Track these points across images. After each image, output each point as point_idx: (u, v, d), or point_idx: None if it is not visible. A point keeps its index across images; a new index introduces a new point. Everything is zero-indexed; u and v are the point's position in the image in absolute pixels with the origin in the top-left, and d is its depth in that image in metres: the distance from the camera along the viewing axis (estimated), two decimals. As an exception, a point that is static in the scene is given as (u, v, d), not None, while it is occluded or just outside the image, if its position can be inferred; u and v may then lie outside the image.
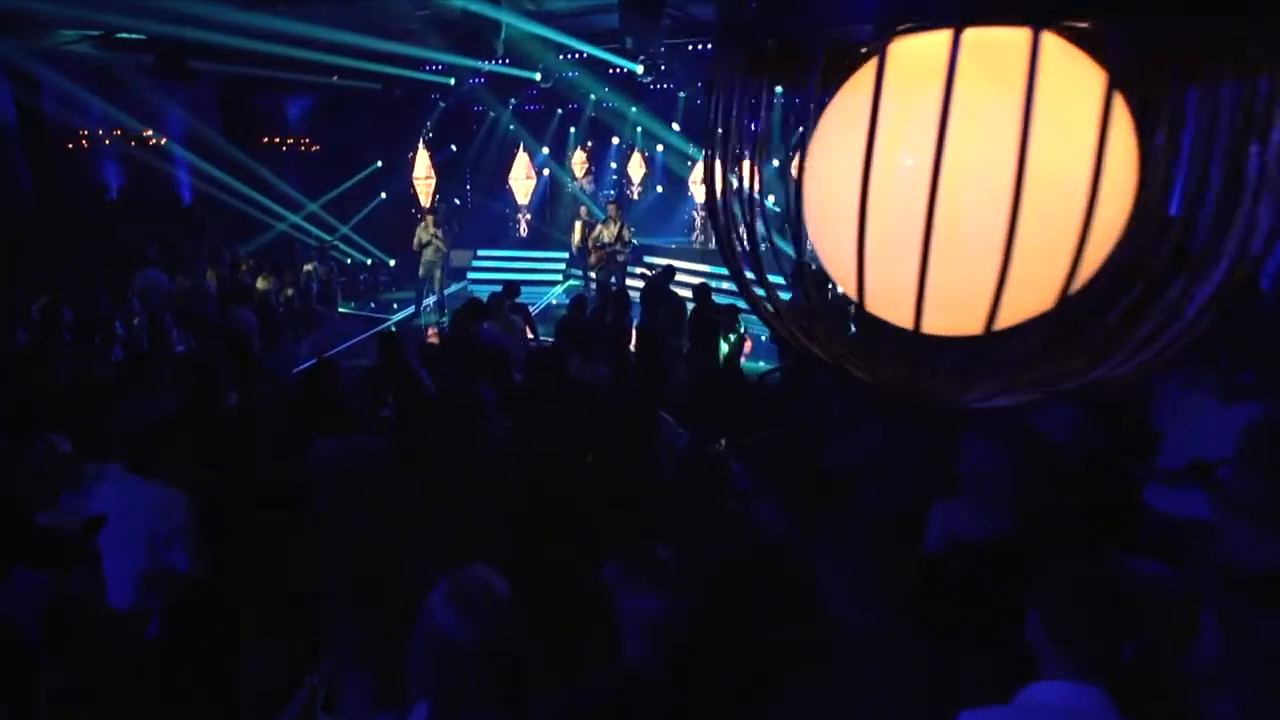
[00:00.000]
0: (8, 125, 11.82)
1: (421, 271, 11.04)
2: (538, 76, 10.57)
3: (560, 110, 15.26)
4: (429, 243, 10.75)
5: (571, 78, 11.13)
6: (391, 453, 3.91)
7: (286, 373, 8.51)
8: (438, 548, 2.15)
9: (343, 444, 4.38)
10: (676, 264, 12.69)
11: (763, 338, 8.94)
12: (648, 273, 9.50)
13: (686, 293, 9.31)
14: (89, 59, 11.31)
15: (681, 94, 13.34)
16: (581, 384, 5.29)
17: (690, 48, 9.03)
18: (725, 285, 13.27)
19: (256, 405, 4.43)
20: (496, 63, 10.00)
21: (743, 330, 7.09)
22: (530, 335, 8.17)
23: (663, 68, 9.55)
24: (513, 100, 14.22)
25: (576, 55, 10.23)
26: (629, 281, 10.85)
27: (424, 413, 4.60)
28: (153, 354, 5.64)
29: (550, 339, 9.37)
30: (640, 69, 9.19)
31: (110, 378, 4.76)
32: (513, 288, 7.98)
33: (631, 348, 6.30)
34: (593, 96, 13.80)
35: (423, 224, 11.05)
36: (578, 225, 11.92)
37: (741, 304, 9.76)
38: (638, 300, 8.96)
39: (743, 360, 7.52)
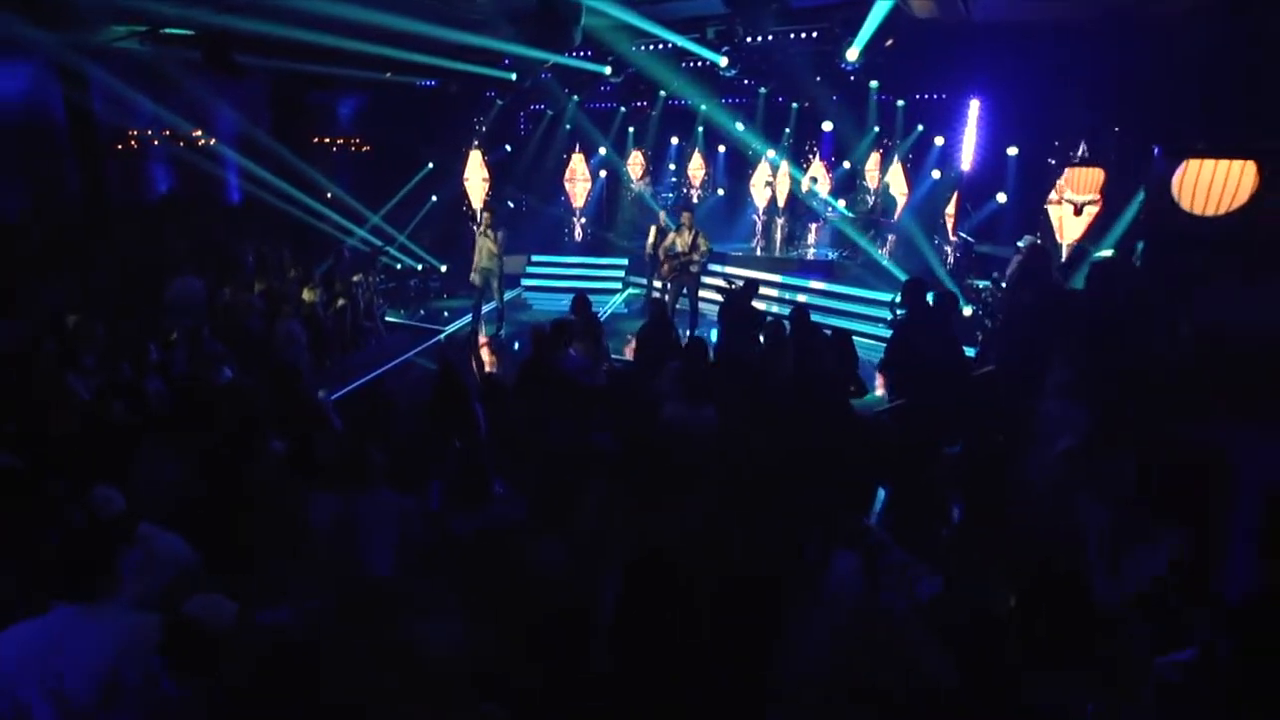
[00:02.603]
0: (57, 125, 11.46)
1: (477, 279, 10.16)
2: (607, 70, 9.72)
3: (623, 108, 14.40)
4: (482, 246, 9.93)
5: (644, 72, 10.19)
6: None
7: (333, 393, 7.88)
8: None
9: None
10: (746, 274, 11.79)
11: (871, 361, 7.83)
12: (725, 285, 8.59)
13: (759, 305, 8.40)
14: (138, 57, 10.84)
15: (762, 89, 12.35)
16: (693, 435, 4.44)
17: (794, 36, 8.09)
18: (801, 297, 12.33)
19: (302, 462, 3.65)
20: (571, 55, 9.18)
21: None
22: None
23: (741, 57, 8.63)
24: (576, 97, 13.40)
25: (653, 47, 9.38)
26: (702, 294, 9.94)
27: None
28: (189, 387, 4.92)
29: (620, 358, 8.57)
30: (724, 61, 8.29)
31: (132, 424, 4.03)
32: (583, 302, 7.07)
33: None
34: (662, 93, 12.91)
35: (479, 228, 10.22)
36: (653, 230, 11.03)
37: (854, 326, 8.82)
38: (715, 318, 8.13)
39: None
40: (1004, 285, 8.34)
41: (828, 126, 13.41)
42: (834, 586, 4.46)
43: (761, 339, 6.19)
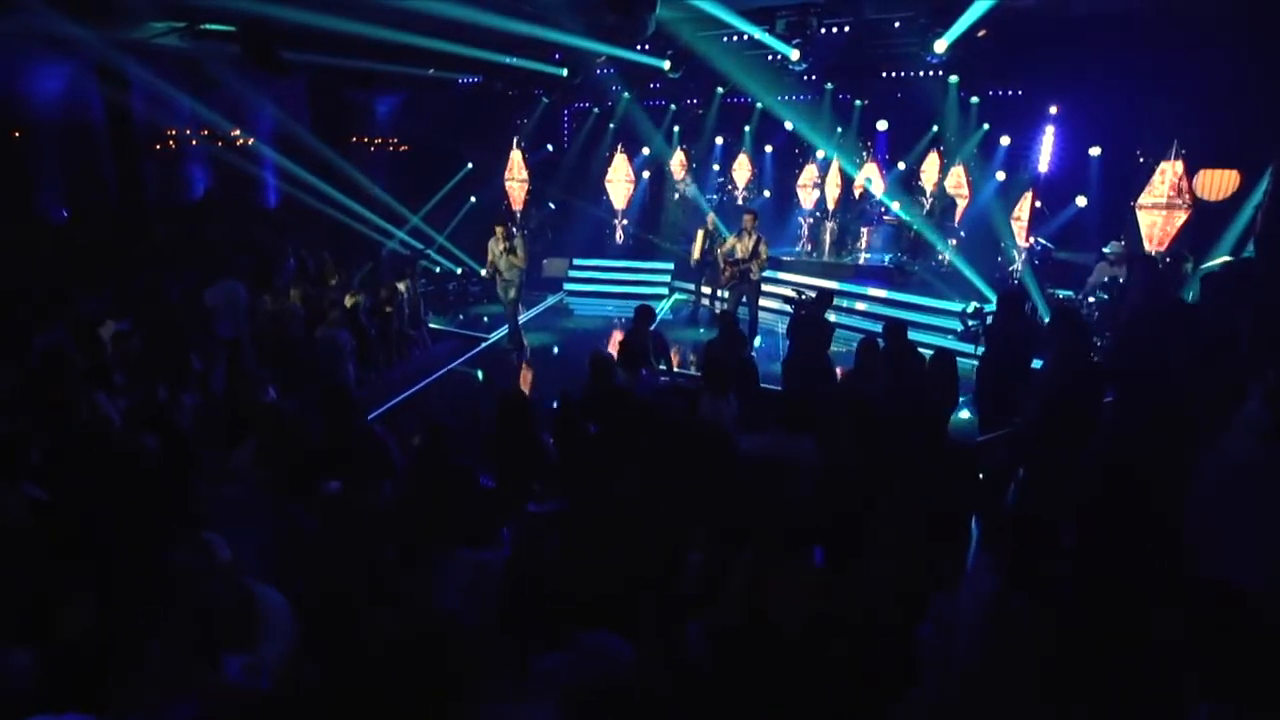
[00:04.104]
0: (95, 125, 11.21)
1: (501, 290, 9.20)
2: (665, 65, 9.17)
3: (674, 106, 13.83)
4: (501, 256, 8.89)
5: (707, 65, 9.57)
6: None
7: (381, 406, 7.46)
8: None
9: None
10: (801, 280, 11.17)
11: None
12: (794, 295, 8.01)
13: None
14: (177, 54, 10.55)
15: (829, 85, 11.70)
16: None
17: (876, 26, 7.51)
18: (860, 306, 11.68)
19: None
20: (637, 49, 8.66)
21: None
22: (663, 367, 6.72)
23: (813, 51, 8.05)
24: (626, 94, 12.84)
25: (722, 39, 8.82)
26: (763, 303, 9.38)
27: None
28: (233, 410, 4.48)
29: (678, 371, 8.00)
30: (795, 54, 7.74)
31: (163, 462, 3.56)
32: (647, 313, 6.52)
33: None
34: (719, 90, 12.31)
35: (493, 237, 8.95)
36: (700, 234, 10.50)
37: (953, 344, 8.12)
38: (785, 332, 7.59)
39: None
40: (1105, 298, 7.68)
41: (883, 125, 12.76)
42: (932, 634, 3.90)
43: (856, 357, 5.57)
